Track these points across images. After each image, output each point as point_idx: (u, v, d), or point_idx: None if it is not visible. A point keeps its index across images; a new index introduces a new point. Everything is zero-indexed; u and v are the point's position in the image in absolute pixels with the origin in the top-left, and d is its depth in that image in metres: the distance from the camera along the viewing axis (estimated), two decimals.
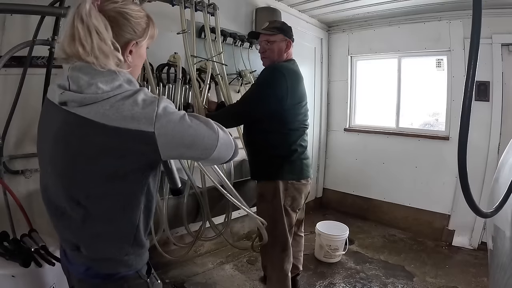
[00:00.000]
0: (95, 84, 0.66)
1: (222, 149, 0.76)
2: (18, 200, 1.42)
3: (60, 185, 0.72)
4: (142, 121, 0.65)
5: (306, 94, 1.80)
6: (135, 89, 0.70)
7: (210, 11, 2.12)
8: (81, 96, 0.66)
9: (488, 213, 0.99)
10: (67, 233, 0.77)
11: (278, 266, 1.75)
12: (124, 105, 0.66)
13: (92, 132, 0.66)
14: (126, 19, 0.71)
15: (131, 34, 0.73)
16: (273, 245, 1.73)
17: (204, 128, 0.73)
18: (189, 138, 0.70)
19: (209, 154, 0.74)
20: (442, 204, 3.01)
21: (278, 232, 1.70)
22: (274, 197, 1.69)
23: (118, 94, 0.67)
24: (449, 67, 2.96)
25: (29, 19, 1.57)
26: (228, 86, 2.16)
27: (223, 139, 0.76)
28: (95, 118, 0.65)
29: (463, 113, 0.72)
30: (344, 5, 3.02)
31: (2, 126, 1.52)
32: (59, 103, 0.69)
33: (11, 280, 1.15)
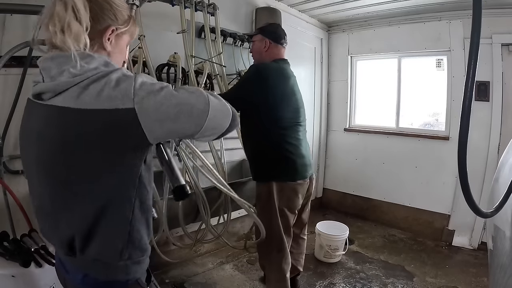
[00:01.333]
0: (66, 70, 0.63)
1: (216, 117, 0.69)
2: (18, 200, 1.42)
3: (47, 184, 0.69)
4: (119, 98, 0.60)
5: (296, 93, 1.79)
6: (110, 69, 0.66)
7: (210, 11, 2.12)
8: (53, 84, 0.63)
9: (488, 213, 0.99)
10: (58, 235, 0.72)
11: (275, 267, 1.75)
12: (98, 85, 0.62)
13: (70, 120, 0.62)
14: (108, 3, 0.70)
15: (112, 19, 0.71)
16: (269, 246, 1.73)
17: (190, 96, 0.66)
18: (174, 109, 0.63)
19: (201, 124, 0.67)
20: (442, 204, 3.01)
21: (273, 233, 1.70)
22: (268, 199, 1.69)
23: (92, 75, 0.63)
24: (449, 67, 2.97)
25: (29, 19, 1.57)
26: (227, 87, 2.17)
27: (216, 105, 0.69)
28: (70, 105, 0.61)
29: (463, 113, 0.71)
30: (344, 5, 3.02)
31: (2, 126, 1.52)
32: (33, 96, 0.67)
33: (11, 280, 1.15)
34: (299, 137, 1.77)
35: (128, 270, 0.72)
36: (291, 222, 1.79)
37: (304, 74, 3.49)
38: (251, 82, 1.67)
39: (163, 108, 0.62)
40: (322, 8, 3.15)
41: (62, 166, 0.66)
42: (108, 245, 0.69)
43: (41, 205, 0.74)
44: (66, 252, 0.71)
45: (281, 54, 1.85)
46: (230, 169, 2.17)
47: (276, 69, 1.73)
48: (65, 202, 0.69)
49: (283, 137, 1.70)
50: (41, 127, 0.67)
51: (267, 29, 1.84)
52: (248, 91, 1.66)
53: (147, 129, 0.62)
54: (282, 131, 1.70)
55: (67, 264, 0.76)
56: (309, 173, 1.80)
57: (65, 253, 0.73)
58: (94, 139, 0.62)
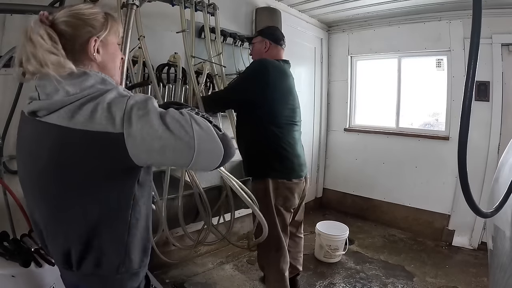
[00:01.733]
0: (62, 88, 0.63)
1: (202, 158, 0.65)
2: (18, 200, 1.42)
3: (41, 199, 0.70)
4: (110, 121, 0.60)
5: (293, 93, 1.81)
6: (107, 88, 0.66)
7: (210, 11, 2.12)
8: (48, 103, 0.63)
9: (488, 213, 0.99)
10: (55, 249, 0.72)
11: (274, 266, 1.75)
12: (90, 105, 0.62)
13: (62, 139, 0.63)
14: (78, 19, 0.69)
15: (88, 31, 0.69)
16: (267, 246, 1.73)
17: (179, 131, 0.63)
18: (159, 142, 0.61)
19: (188, 160, 0.64)
20: (442, 204, 3.01)
21: (271, 232, 1.70)
22: (265, 197, 1.70)
23: (88, 95, 0.63)
24: (449, 67, 2.97)
25: (29, 19, 1.57)
26: None
27: (204, 145, 0.65)
28: (63, 123, 0.62)
29: (463, 113, 0.72)
30: (344, 5, 3.02)
31: (2, 126, 1.52)
32: (28, 113, 0.67)
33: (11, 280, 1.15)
34: (295, 137, 1.78)
35: (125, 282, 0.72)
36: (288, 221, 1.79)
37: (304, 74, 3.49)
38: (253, 77, 1.70)
39: (148, 140, 0.61)
40: (322, 8, 3.15)
41: (53, 183, 0.66)
42: (104, 261, 0.69)
43: (36, 221, 0.74)
44: (64, 265, 0.72)
45: (281, 55, 1.88)
46: (230, 169, 2.16)
47: (277, 66, 1.74)
48: (59, 219, 0.69)
49: (279, 135, 1.70)
50: (34, 143, 0.68)
51: (266, 31, 1.90)
52: (250, 86, 1.67)
53: (134, 157, 0.62)
54: (279, 129, 1.70)
55: (65, 275, 0.76)
56: (304, 173, 1.81)
57: (62, 267, 0.73)
58: (85, 160, 0.63)
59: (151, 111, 0.63)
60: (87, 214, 0.66)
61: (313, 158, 3.78)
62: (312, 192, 3.84)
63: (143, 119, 0.61)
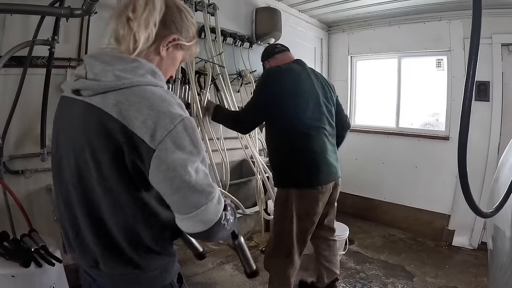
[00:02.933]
0: (111, 71, 0.61)
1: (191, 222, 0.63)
2: (18, 200, 1.42)
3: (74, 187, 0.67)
4: (149, 132, 0.58)
5: (306, 92, 1.67)
6: (157, 82, 0.64)
7: (210, 11, 2.12)
8: (95, 84, 0.61)
9: (488, 213, 0.99)
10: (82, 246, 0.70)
11: (282, 270, 1.72)
12: (141, 105, 0.59)
13: (100, 122, 0.60)
14: (180, 14, 0.71)
15: (177, 29, 0.71)
16: (278, 250, 1.71)
17: (200, 193, 0.61)
18: (176, 185, 0.60)
19: (180, 212, 0.63)
20: (442, 204, 3.01)
21: (284, 239, 1.68)
22: (283, 205, 1.66)
23: (139, 85, 0.61)
24: (449, 67, 2.96)
25: (29, 19, 1.57)
26: (230, 87, 2.17)
27: (202, 217, 0.62)
28: (106, 109, 0.59)
29: (463, 113, 0.72)
30: (344, 5, 3.02)
31: (2, 126, 1.52)
32: (72, 91, 0.65)
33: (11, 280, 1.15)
34: (323, 142, 1.66)
35: (157, 278, 0.72)
36: (310, 229, 1.72)
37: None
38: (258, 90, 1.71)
39: (171, 175, 0.59)
40: (322, 8, 3.15)
41: (87, 168, 0.65)
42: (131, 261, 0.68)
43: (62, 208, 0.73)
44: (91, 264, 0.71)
45: (285, 59, 1.83)
46: (231, 169, 2.17)
47: (278, 70, 1.69)
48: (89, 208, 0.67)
49: (302, 142, 1.62)
50: (74, 124, 0.66)
51: (268, 51, 1.94)
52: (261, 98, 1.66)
53: (151, 174, 0.61)
54: (301, 137, 1.62)
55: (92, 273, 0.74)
56: (333, 179, 1.71)
57: (89, 265, 0.72)
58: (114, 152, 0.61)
59: (193, 155, 0.61)
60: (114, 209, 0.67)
61: None
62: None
63: (180, 156, 0.60)
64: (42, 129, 1.63)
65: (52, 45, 1.61)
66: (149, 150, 0.58)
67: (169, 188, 0.61)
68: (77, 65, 1.76)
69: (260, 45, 2.84)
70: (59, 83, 1.71)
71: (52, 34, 1.61)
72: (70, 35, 1.75)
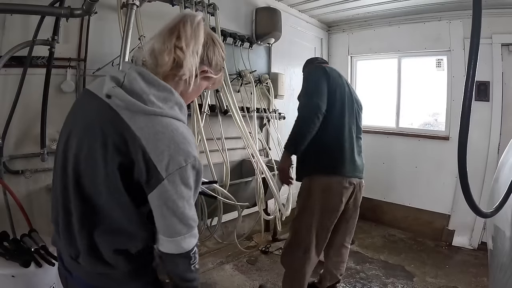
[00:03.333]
0: (147, 93, 0.66)
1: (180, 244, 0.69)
2: (18, 200, 1.42)
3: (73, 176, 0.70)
4: (161, 162, 0.63)
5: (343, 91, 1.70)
6: (181, 118, 0.70)
7: (210, 11, 2.12)
8: (131, 101, 0.65)
9: (488, 213, 0.99)
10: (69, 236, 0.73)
11: (298, 266, 1.70)
12: (164, 136, 0.65)
13: (121, 135, 0.64)
14: (216, 46, 0.77)
15: (209, 62, 0.77)
16: (296, 245, 1.70)
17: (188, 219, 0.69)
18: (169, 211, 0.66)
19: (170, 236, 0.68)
20: (442, 204, 3.01)
21: (303, 234, 1.67)
22: (307, 197, 1.66)
23: (166, 116, 0.67)
24: (449, 67, 2.96)
25: (29, 19, 1.57)
26: (230, 87, 2.16)
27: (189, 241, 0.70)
28: (130, 123, 0.64)
29: (463, 113, 0.71)
30: (344, 5, 3.02)
31: (2, 126, 1.52)
32: (106, 95, 0.67)
33: (11, 280, 1.15)
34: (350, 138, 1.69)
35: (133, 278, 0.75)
36: (329, 226, 1.71)
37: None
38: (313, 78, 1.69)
39: (167, 204, 0.66)
40: (322, 8, 3.15)
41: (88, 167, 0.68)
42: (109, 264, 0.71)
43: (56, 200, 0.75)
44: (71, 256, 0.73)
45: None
46: (231, 169, 2.16)
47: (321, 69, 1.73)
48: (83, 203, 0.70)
49: (335, 134, 1.65)
50: (94, 121, 0.68)
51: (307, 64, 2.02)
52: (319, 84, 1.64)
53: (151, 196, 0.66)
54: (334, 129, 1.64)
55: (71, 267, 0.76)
56: (358, 177, 1.72)
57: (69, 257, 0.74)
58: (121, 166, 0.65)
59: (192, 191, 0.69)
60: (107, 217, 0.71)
61: None
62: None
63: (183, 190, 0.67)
64: (42, 129, 1.63)
65: (52, 45, 1.61)
66: (158, 177, 0.64)
67: (161, 213, 0.67)
68: (77, 65, 1.77)
69: (260, 45, 2.84)
70: (59, 83, 1.72)
71: (52, 34, 1.61)
72: (70, 35, 1.75)
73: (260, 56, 2.89)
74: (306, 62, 2.04)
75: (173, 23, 0.71)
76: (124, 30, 1.56)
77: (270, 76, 2.85)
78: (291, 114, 3.28)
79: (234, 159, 2.64)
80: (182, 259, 0.71)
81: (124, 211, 0.68)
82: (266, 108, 2.75)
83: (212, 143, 2.12)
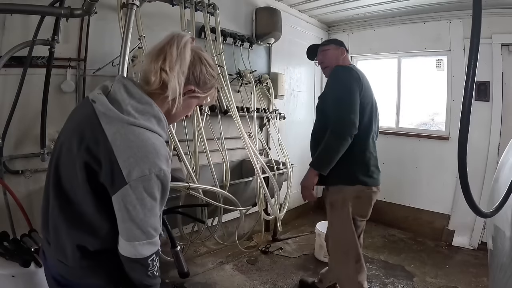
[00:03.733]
0: (126, 103, 0.71)
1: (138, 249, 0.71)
2: (18, 200, 1.42)
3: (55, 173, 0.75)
4: (129, 168, 0.66)
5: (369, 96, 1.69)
6: (158, 140, 0.72)
7: (210, 11, 2.12)
8: (109, 108, 0.70)
9: (488, 213, 0.99)
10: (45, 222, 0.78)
11: (354, 279, 1.65)
12: (134, 144, 0.68)
13: (95, 137, 0.69)
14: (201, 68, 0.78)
15: (196, 82, 0.78)
16: (345, 256, 1.67)
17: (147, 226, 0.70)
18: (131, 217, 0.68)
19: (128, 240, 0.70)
20: (442, 204, 3.01)
21: (351, 243, 1.65)
22: (342, 208, 1.63)
23: (140, 127, 0.70)
24: (449, 67, 2.97)
25: (29, 19, 1.57)
26: (230, 87, 2.16)
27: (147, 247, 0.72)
28: (107, 131, 0.68)
29: (463, 113, 0.71)
30: (344, 5, 3.02)
31: (2, 126, 1.52)
32: (91, 99, 0.73)
33: (11, 280, 1.15)
34: (374, 145, 1.71)
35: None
36: (360, 231, 1.75)
37: (304, 74, 3.49)
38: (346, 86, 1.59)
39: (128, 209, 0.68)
40: (322, 8, 3.15)
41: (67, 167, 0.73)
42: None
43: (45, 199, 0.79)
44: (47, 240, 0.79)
45: (348, 59, 1.84)
46: (231, 169, 2.16)
47: (354, 74, 1.65)
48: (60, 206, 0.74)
49: (365, 143, 1.63)
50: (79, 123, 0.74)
51: (335, 41, 1.85)
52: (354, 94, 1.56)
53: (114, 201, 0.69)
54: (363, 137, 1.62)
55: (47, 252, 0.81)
56: (379, 184, 1.73)
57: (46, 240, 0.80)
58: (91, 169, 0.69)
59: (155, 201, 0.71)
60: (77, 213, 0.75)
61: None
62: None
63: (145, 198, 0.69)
64: (42, 129, 1.63)
65: (52, 45, 1.61)
66: (122, 181, 0.67)
67: (122, 217, 0.69)
68: (77, 65, 1.77)
69: (260, 45, 2.84)
70: (59, 83, 1.72)
71: (52, 34, 1.61)
72: (70, 35, 1.75)
73: (260, 56, 2.89)
74: (336, 41, 1.85)
75: (161, 45, 0.75)
76: (124, 30, 1.56)
77: (270, 76, 2.85)
78: (291, 114, 3.29)
79: (234, 159, 2.64)
80: (139, 264, 0.72)
81: (89, 209, 0.71)
82: (266, 108, 2.75)
83: (212, 143, 2.12)
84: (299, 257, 2.64)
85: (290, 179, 2.59)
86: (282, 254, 2.66)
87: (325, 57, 1.81)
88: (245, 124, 2.34)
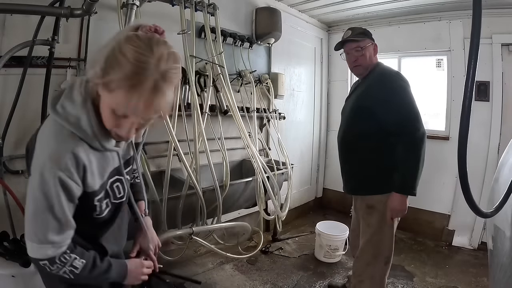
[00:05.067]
0: (62, 99, 0.73)
1: (28, 248, 0.71)
2: (18, 200, 1.42)
3: None
4: (32, 161, 0.70)
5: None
6: (72, 129, 0.70)
7: (210, 11, 2.13)
8: (51, 100, 0.75)
9: (488, 213, 0.99)
10: None
11: (378, 279, 1.68)
12: (43, 133, 0.73)
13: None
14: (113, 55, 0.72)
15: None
16: (378, 257, 1.68)
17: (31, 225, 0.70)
18: (27, 205, 0.69)
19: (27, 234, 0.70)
20: (442, 204, 3.01)
21: (387, 246, 1.68)
22: (384, 212, 1.66)
23: (59, 119, 0.70)
24: (449, 67, 2.96)
25: (29, 19, 1.57)
26: (230, 87, 2.16)
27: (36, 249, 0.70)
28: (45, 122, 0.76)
29: (463, 113, 0.71)
30: (344, 5, 3.02)
31: (2, 126, 1.52)
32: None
33: (11, 280, 1.15)
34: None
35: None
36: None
37: (304, 74, 3.49)
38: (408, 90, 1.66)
39: (26, 201, 0.70)
40: (322, 8, 3.15)
41: None
42: None
43: None
44: None
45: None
46: (231, 169, 2.17)
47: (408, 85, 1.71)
48: None
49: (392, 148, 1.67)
50: None
51: (368, 33, 1.76)
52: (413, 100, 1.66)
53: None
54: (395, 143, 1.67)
55: None
56: None
57: None
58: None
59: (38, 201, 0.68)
60: None
61: (313, 158, 3.78)
62: (312, 192, 3.84)
63: (35, 195, 0.68)
64: None
65: (52, 45, 1.61)
66: (29, 172, 0.71)
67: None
68: (77, 65, 1.77)
69: (260, 45, 2.84)
70: (59, 83, 1.71)
71: (52, 34, 1.61)
72: (70, 35, 1.75)
73: (260, 56, 2.89)
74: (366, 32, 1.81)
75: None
76: None
77: (270, 76, 2.85)
78: (291, 114, 3.29)
79: (234, 159, 2.64)
80: (35, 262, 0.73)
81: None
82: (266, 108, 2.75)
83: (212, 143, 2.12)
84: (299, 257, 2.64)
85: (290, 179, 2.59)
86: (282, 254, 2.66)
87: (362, 53, 1.71)
88: (245, 124, 2.34)
